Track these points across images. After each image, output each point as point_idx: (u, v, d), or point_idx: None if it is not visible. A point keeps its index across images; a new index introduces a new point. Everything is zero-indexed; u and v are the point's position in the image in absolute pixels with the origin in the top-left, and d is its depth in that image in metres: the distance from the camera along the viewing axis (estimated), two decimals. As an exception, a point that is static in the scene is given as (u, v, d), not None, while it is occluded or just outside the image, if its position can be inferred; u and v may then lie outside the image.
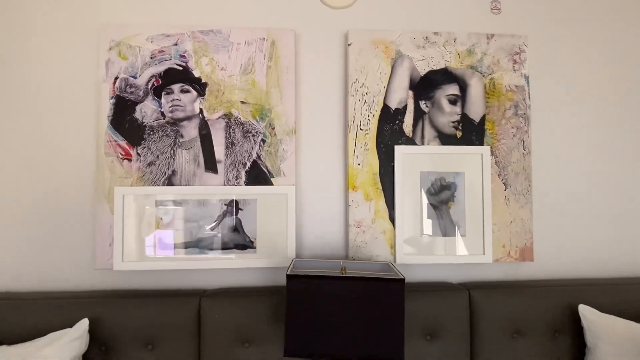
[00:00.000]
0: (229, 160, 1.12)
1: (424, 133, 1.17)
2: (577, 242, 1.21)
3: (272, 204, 1.13)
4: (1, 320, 0.99)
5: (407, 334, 1.06)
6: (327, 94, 1.18)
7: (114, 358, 1.01)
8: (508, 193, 1.17)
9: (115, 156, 1.10)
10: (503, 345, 1.08)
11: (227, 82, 1.13)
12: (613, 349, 0.99)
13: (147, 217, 1.09)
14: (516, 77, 1.19)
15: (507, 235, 1.16)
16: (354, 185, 1.15)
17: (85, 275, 1.10)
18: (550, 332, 1.10)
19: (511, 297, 1.10)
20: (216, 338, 1.03)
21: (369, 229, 1.14)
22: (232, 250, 1.11)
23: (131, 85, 1.11)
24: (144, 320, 1.02)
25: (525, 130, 1.19)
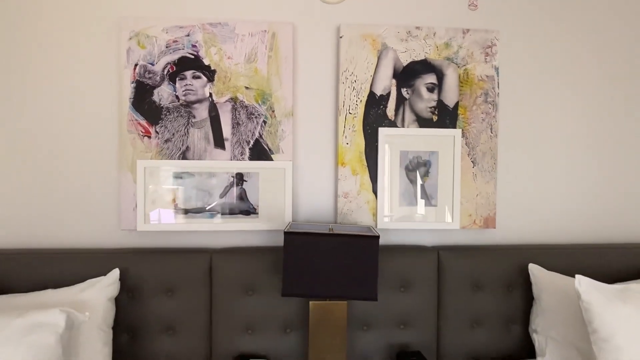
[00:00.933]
0: (235, 139, 1.29)
1: (405, 117, 1.34)
2: (534, 213, 1.41)
3: (272, 176, 1.31)
4: (46, 270, 1.18)
5: (384, 286, 1.27)
6: (321, 81, 1.34)
7: (140, 302, 1.21)
8: (475, 170, 1.36)
9: (137, 133, 1.27)
10: (465, 297, 1.29)
11: (233, 70, 1.29)
12: (553, 299, 1.20)
13: (165, 186, 1.27)
14: (487, 68, 1.35)
15: (473, 206, 1.36)
16: (342, 162, 1.32)
17: (112, 235, 1.29)
18: (505, 287, 1.31)
19: (474, 258, 1.31)
20: (225, 287, 1.23)
21: (355, 199, 1.33)
22: (238, 215, 1.30)
23: (149, 72, 1.27)
24: (164, 272, 1.22)
25: (493, 116, 1.36)
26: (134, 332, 1.21)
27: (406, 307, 1.28)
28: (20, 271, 1.18)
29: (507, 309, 1.30)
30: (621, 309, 1.01)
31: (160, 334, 1.22)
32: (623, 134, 1.43)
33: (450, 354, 1.28)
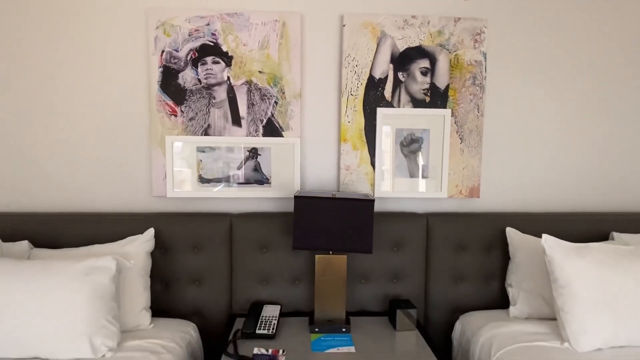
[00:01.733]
0: (250, 117, 1.47)
1: (400, 98, 1.50)
2: (514, 185, 1.58)
3: (283, 151, 1.49)
4: (92, 229, 1.39)
5: (380, 246, 1.46)
6: (326, 66, 1.50)
7: (171, 257, 1.42)
8: (463, 146, 1.52)
9: (165, 113, 1.45)
10: (450, 256, 1.49)
11: (248, 56, 1.45)
12: (525, 257, 1.39)
13: (190, 158, 1.46)
14: (476, 54, 1.50)
15: (460, 177, 1.53)
16: (344, 138, 1.50)
17: (146, 201, 1.49)
18: (486, 248, 1.50)
19: (458, 223, 1.49)
20: (242, 245, 1.44)
21: (355, 171, 1.51)
22: (253, 184, 1.49)
23: (174, 57, 1.43)
24: (191, 233, 1.43)
25: (480, 97, 1.51)
26: (167, 282, 1.43)
27: (398, 264, 1.48)
28: (71, 231, 1.39)
29: (487, 267, 1.50)
30: (578, 262, 1.20)
31: (189, 284, 1.44)
32: (595, 116, 1.58)
33: (436, 304, 1.49)
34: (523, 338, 1.20)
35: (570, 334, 1.15)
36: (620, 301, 1.15)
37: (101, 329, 1.09)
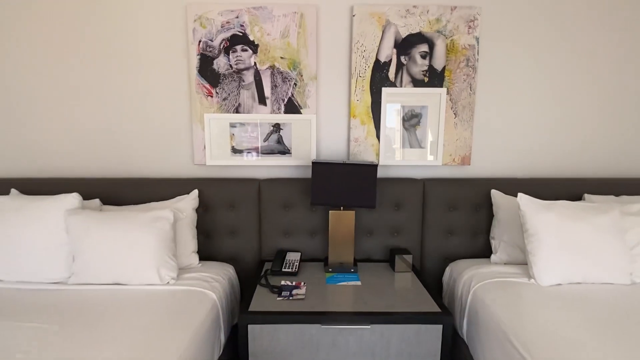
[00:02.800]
0: (274, 97, 1.73)
1: (402, 79, 1.73)
2: (500, 154, 1.82)
3: (301, 126, 1.76)
4: (147, 191, 1.71)
5: (383, 206, 1.74)
6: (338, 51, 1.73)
7: (211, 214, 1.74)
8: (456, 120, 1.76)
9: (202, 94, 1.72)
10: (442, 215, 1.76)
11: (271, 44, 1.69)
12: (506, 214, 1.65)
13: (224, 132, 1.75)
14: (470, 39, 1.70)
15: (453, 148, 1.77)
16: (354, 114, 1.75)
17: (189, 168, 1.80)
18: (474, 207, 1.76)
19: (451, 187, 1.75)
20: (269, 204, 1.74)
21: (363, 143, 1.77)
22: (277, 154, 1.77)
23: (209, 46, 1.69)
24: (227, 194, 1.73)
25: (473, 77, 1.73)
26: (208, 234, 1.75)
27: (398, 220, 1.76)
28: (131, 192, 1.71)
29: (474, 223, 1.76)
30: (545, 215, 1.45)
31: (225, 235, 1.76)
32: (574, 94, 1.78)
33: (430, 254, 1.78)
34: (498, 275, 1.49)
35: (536, 272, 1.43)
36: (578, 246, 1.41)
37: (165, 263, 1.42)
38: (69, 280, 1.42)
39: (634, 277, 1.44)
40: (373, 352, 1.28)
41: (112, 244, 1.39)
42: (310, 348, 1.27)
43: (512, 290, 1.39)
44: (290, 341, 1.27)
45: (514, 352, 1.11)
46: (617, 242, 1.43)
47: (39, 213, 1.45)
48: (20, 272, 1.42)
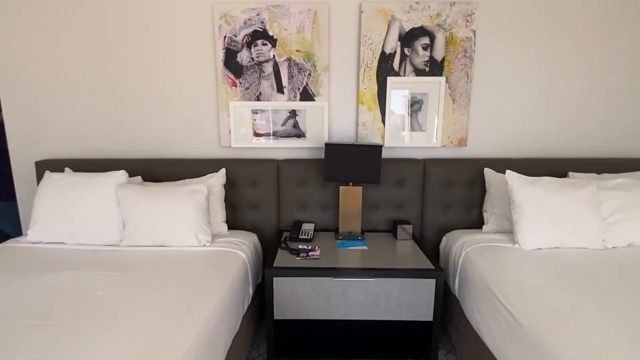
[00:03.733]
0: (290, 86, 1.95)
1: (406, 69, 1.92)
2: (494, 137, 2.01)
3: (315, 112, 1.97)
4: (181, 169, 1.96)
5: (387, 183, 1.96)
6: (347, 44, 1.93)
7: (236, 190, 1.98)
8: (454, 106, 1.95)
9: (227, 84, 1.95)
10: (441, 191, 1.97)
11: (288, 38, 1.90)
12: (497, 190, 1.86)
13: (246, 118, 1.98)
14: (467, 32, 1.88)
15: (451, 131, 1.97)
16: (362, 101, 1.96)
17: (216, 149, 2.04)
18: (469, 184, 1.97)
19: (449, 166, 1.96)
20: (286, 182, 1.98)
21: (370, 127, 1.98)
22: (293, 138, 2.00)
23: (233, 41, 1.90)
24: (251, 172, 1.97)
25: (470, 67, 1.91)
26: (234, 207, 2.01)
27: (401, 196, 1.98)
28: (166, 170, 1.97)
29: (468, 198, 1.98)
30: (530, 188, 1.66)
31: (249, 209, 2.01)
32: (564, 82, 1.95)
33: (429, 225, 2.00)
34: (487, 241, 1.71)
35: (520, 238, 1.64)
36: (557, 216, 1.62)
37: (201, 229, 1.67)
38: (121, 243, 1.69)
39: (605, 243, 1.64)
40: (377, 301, 1.52)
41: (156, 212, 1.65)
42: (324, 297, 1.53)
43: (498, 253, 1.61)
44: (307, 291, 1.52)
45: (495, 301, 1.34)
46: (592, 212, 1.63)
47: (93, 187, 1.72)
48: (80, 236, 1.69)
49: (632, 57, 1.95)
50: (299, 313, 1.54)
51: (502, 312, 1.29)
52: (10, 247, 1.66)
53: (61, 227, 1.68)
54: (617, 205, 1.68)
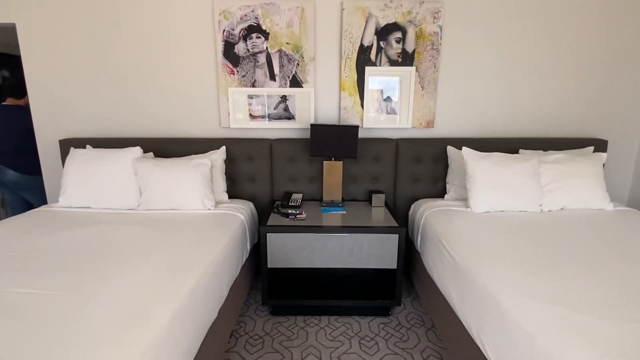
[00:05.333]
0: (281, 74, 2.23)
1: (381, 59, 2.22)
2: (458, 119, 2.33)
3: (303, 97, 2.27)
4: (187, 147, 2.26)
5: (365, 159, 2.28)
6: (331, 38, 2.21)
7: (235, 165, 2.30)
8: (423, 92, 2.25)
9: (226, 72, 2.23)
10: (411, 166, 2.29)
11: (279, 32, 2.17)
12: (457, 164, 2.19)
13: (243, 102, 2.27)
14: (434, 27, 2.16)
15: (420, 114, 2.28)
16: (343, 88, 2.25)
17: (216, 130, 2.34)
18: (435, 160, 2.29)
19: (418, 145, 2.27)
20: (278, 159, 2.29)
21: (350, 110, 2.28)
22: (284, 120, 2.30)
23: (231, 34, 2.18)
24: (247, 150, 2.28)
25: (437, 58, 2.21)
26: (233, 180, 2.32)
27: (377, 170, 2.30)
28: (172, 148, 2.27)
29: (434, 172, 2.30)
30: (481, 162, 1.98)
31: (246, 181, 2.32)
32: (516, 71, 2.25)
33: (401, 196, 2.33)
34: (445, 206, 2.04)
35: (471, 203, 1.97)
36: (502, 184, 1.95)
37: (206, 196, 1.99)
38: (138, 208, 2.01)
39: (542, 207, 1.98)
40: (351, 252, 1.86)
41: (168, 181, 1.96)
42: (308, 250, 1.86)
43: (452, 215, 1.95)
44: (294, 245, 1.86)
45: (442, 248, 1.69)
46: (532, 182, 1.97)
47: (113, 160, 2.02)
48: (104, 201, 2.00)
49: (572, 53, 2.25)
50: (288, 262, 1.88)
51: (445, 255, 1.63)
52: (46, 210, 1.98)
53: (87, 194, 1.99)
54: (553, 176, 2.02)
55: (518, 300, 1.13)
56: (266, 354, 1.70)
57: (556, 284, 1.19)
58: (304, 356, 1.68)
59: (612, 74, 2.30)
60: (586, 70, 2.29)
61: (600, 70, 2.29)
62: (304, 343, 1.77)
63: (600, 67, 2.29)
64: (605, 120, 2.38)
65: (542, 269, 1.31)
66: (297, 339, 1.81)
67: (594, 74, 2.30)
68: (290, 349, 1.73)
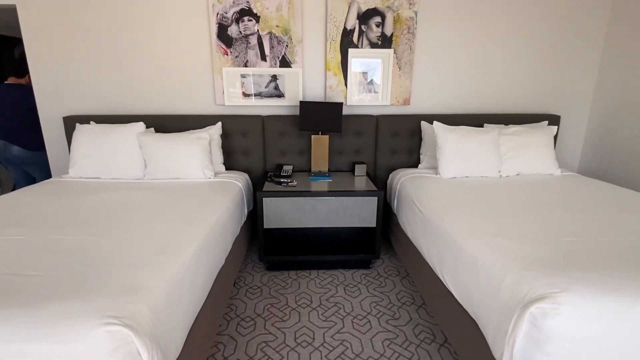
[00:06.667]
0: (272, 55, 2.43)
1: (363, 42, 2.44)
2: (431, 97, 2.59)
3: (292, 76, 2.47)
4: (185, 123, 2.45)
5: (348, 134, 2.53)
6: (317, 22, 2.40)
7: (230, 139, 2.51)
8: (400, 72, 2.50)
9: (220, 53, 2.40)
10: (389, 140, 2.56)
11: (269, 15, 2.35)
12: (429, 137, 2.47)
13: (236, 81, 2.46)
14: (410, 12, 2.39)
15: (398, 92, 2.54)
16: (328, 68, 2.47)
17: (212, 107, 2.53)
18: (410, 134, 2.57)
19: (396, 120, 2.54)
20: (270, 134, 2.51)
21: (335, 89, 2.51)
22: (274, 97, 2.51)
23: (225, 17, 2.34)
24: (241, 125, 2.49)
25: (412, 41, 2.44)
26: (229, 153, 2.53)
27: (359, 144, 2.56)
28: (171, 124, 2.45)
29: (410, 145, 2.58)
30: (449, 134, 2.27)
31: (241, 154, 2.54)
32: (483, 54, 2.52)
33: (381, 166, 2.61)
34: (418, 174, 2.33)
35: (440, 170, 2.27)
36: (467, 153, 2.24)
37: (206, 166, 2.20)
38: (144, 178, 2.21)
39: (501, 173, 2.30)
40: (337, 213, 2.14)
41: (171, 153, 2.16)
42: (299, 211, 2.13)
43: (424, 180, 2.24)
44: (287, 208, 2.11)
45: (413, 206, 1.98)
46: (492, 151, 2.27)
47: (119, 135, 2.20)
48: (111, 172, 2.19)
49: (531, 38, 2.53)
50: (282, 223, 2.14)
51: (416, 212, 1.93)
52: (57, 181, 2.15)
53: (96, 165, 2.17)
54: (511, 146, 2.33)
55: (469, 236, 1.43)
56: (265, 299, 1.98)
57: (501, 225, 1.50)
58: (298, 300, 1.97)
59: (564, 57, 2.60)
60: (542, 54, 2.58)
61: (554, 54, 2.59)
62: (296, 290, 2.06)
63: (554, 51, 2.58)
64: (558, 98, 2.69)
65: (493, 215, 1.61)
66: (290, 287, 2.09)
67: (549, 57, 2.59)
68: (285, 295, 2.01)
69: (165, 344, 1.02)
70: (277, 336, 1.69)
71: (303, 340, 1.66)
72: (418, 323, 1.79)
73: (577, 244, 1.27)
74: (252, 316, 1.84)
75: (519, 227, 1.46)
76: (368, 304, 1.94)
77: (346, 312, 1.87)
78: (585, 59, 2.63)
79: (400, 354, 1.58)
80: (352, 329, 1.73)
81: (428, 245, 1.76)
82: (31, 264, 1.11)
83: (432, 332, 1.73)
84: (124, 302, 0.93)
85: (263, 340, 1.66)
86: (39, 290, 0.96)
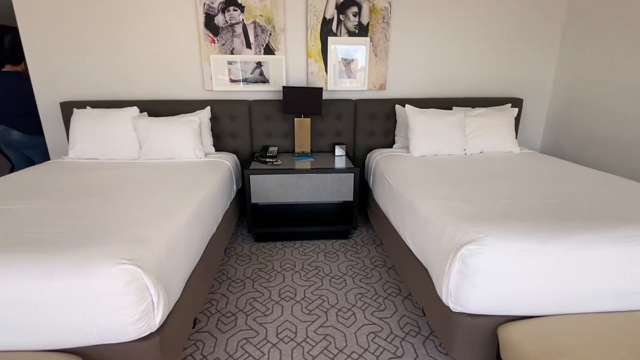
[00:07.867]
0: (256, 43, 2.59)
1: (341, 31, 2.62)
2: (406, 83, 2.81)
3: (276, 63, 2.65)
4: (176, 107, 2.62)
5: (329, 118, 2.74)
6: (298, 11, 2.57)
7: (219, 123, 2.69)
8: (377, 59, 2.70)
9: (208, 41, 2.56)
10: (367, 122, 2.78)
11: (253, 6, 2.51)
12: (403, 120, 2.69)
13: (223, 68, 2.63)
14: (385, 3, 2.58)
15: (375, 78, 2.74)
16: (310, 55, 2.65)
17: (201, 92, 2.70)
18: (386, 117, 2.79)
19: (373, 104, 2.75)
20: (256, 117, 2.70)
21: (316, 75, 2.70)
22: (259, 83, 2.69)
23: (211, 7, 2.49)
24: (229, 110, 2.67)
25: (387, 30, 2.63)
26: (218, 136, 2.72)
27: (339, 126, 2.77)
28: (163, 108, 2.62)
29: (386, 127, 2.81)
30: (419, 116, 2.49)
31: (229, 137, 2.73)
32: (453, 42, 2.73)
33: (359, 147, 2.83)
34: (392, 152, 2.57)
35: (411, 149, 2.50)
36: (435, 133, 2.48)
37: (197, 147, 2.40)
38: (139, 158, 2.39)
39: (466, 151, 2.55)
40: (318, 189, 2.37)
41: (164, 135, 2.34)
42: (283, 187, 2.35)
43: (396, 158, 2.47)
44: (272, 184, 2.33)
45: (385, 180, 2.21)
46: (458, 131, 2.51)
47: (115, 118, 2.36)
48: (108, 153, 2.36)
49: (496, 27, 2.74)
50: (268, 198, 2.36)
51: (387, 185, 2.17)
52: (59, 162, 2.32)
53: (94, 147, 2.35)
54: (475, 126, 2.57)
55: (423, 199, 1.67)
56: (253, 265, 2.21)
57: (454, 191, 1.74)
58: (283, 265, 2.21)
59: (527, 45, 2.83)
60: (507, 41, 2.80)
61: (517, 42, 2.81)
62: (282, 257, 2.30)
63: (517, 39, 2.81)
64: (522, 82, 2.93)
65: (450, 185, 1.86)
66: (276, 255, 2.33)
67: (513, 45, 2.82)
68: (271, 262, 2.25)
69: (167, 287, 1.24)
70: (263, 293, 1.93)
71: (286, 295, 1.91)
72: (387, 280, 2.05)
73: (510, 205, 1.52)
74: (241, 278, 2.07)
75: (468, 193, 1.71)
76: (345, 266, 2.19)
77: (325, 273, 2.12)
78: (546, 47, 2.86)
79: (369, 304, 1.84)
80: (329, 286, 1.99)
81: (394, 211, 2.00)
82: (51, 225, 1.32)
83: (398, 287, 1.99)
84: (133, 249, 1.15)
85: (252, 296, 1.91)
86: (63, 242, 1.17)
